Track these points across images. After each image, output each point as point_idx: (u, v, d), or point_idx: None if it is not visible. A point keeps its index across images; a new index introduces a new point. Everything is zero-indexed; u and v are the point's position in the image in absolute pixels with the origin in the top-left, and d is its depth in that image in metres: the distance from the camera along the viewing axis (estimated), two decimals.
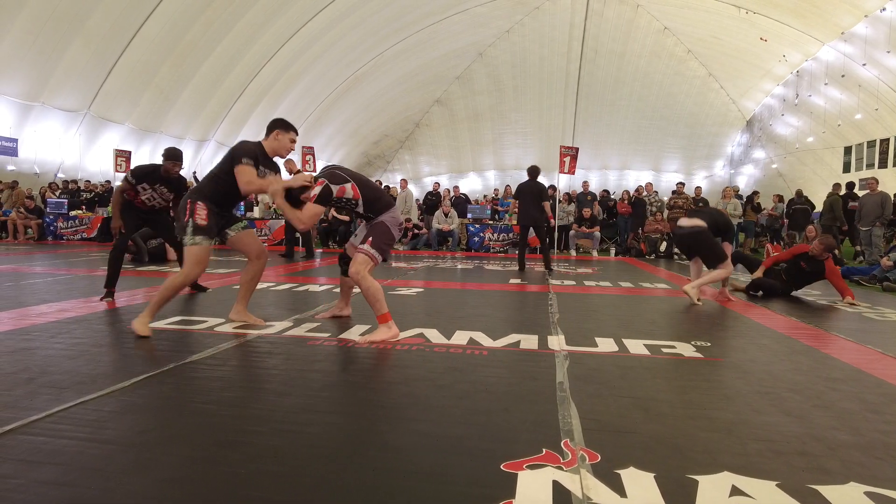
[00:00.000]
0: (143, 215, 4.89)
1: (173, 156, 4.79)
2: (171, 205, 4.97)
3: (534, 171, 8.47)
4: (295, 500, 1.49)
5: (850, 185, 13.02)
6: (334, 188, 3.41)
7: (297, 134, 3.69)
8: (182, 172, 4.95)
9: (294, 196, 3.46)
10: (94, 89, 14.60)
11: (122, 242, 4.82)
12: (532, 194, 8.38)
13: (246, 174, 3.38)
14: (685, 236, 5.61)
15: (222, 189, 3.49)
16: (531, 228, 8.61)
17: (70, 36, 13.00)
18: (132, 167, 4.77)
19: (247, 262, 3.84)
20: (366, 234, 3.54)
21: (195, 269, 3.38)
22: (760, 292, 6.01)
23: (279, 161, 3.80)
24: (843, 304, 5.53)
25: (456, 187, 16.89)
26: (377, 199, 3.56)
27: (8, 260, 8.22)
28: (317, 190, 3.36)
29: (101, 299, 4.57)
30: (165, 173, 4.77)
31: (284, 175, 3.91)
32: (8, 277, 6.10)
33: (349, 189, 3.45)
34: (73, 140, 15.05)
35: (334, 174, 3.49)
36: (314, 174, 3.63)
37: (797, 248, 6.20)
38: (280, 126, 3.60)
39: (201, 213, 3.39)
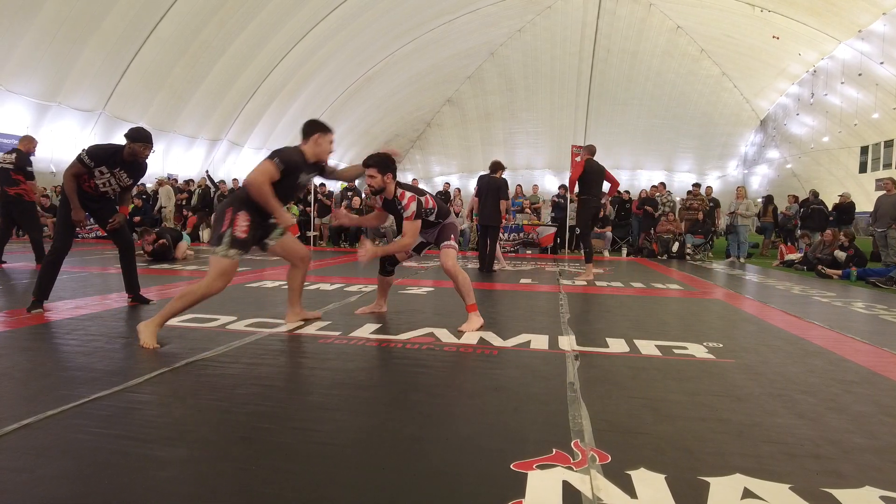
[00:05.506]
0: (91, 204, 4.17)
1: (145, 138, 4.07)
2: (120, 192, 4.26)
3: (494, 166, 7.88)
4: (304, 497, 1.50)
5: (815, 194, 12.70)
6: (423, 200, 3.74)
7: (334, 135, 3.53)
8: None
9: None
10: (108, 89, 14.79)
11: (66, 242, 4.07)
12: (490, 190, 7.73)
13: (266, 172, 3.16)
14: None
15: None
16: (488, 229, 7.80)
17: (85, 37, 13.16)
18: (87, 147, 4.06)
19: (290, 266, 3.73)
20: (441, 235, 3.99)
21: (218, 281, 3.12)
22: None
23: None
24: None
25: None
26: (442, 206, 3.98)
27: (24, 257, 8.34)
28: (413, 207, 3.66)
29: (28, 311, 3.87)
30: (131, 157, 4.05)
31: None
32: (24, 275, 6.19)
33: (430, 200, 3.83)
34: (88, 139, 15.23)
35: (416, 188, 3.83)
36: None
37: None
38: (319, 129, 3.42)
39: (242, 225, 3.15)
